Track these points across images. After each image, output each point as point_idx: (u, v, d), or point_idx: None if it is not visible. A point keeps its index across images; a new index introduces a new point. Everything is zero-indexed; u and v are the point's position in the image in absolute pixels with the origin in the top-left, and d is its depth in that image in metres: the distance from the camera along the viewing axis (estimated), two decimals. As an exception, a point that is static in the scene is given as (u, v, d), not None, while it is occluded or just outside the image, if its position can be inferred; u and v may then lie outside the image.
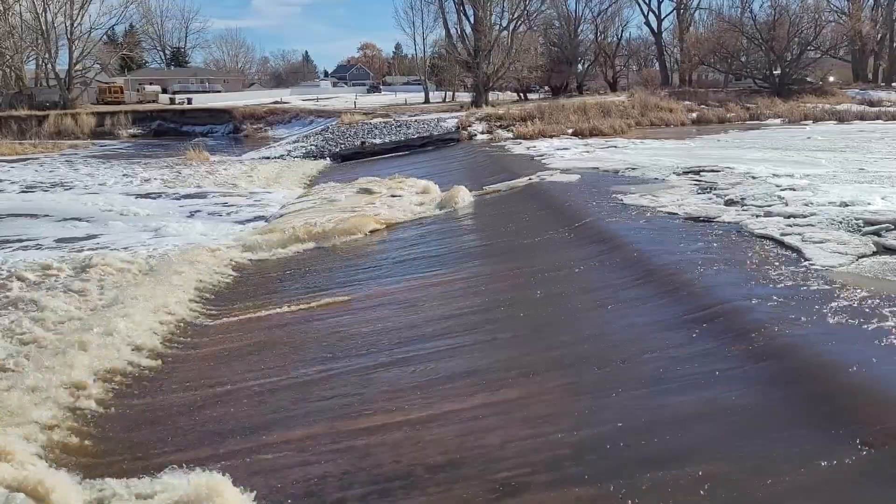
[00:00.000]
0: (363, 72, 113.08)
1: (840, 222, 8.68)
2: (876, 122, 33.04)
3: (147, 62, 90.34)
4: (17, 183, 24.33)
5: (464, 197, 15.19)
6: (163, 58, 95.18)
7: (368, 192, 17.81)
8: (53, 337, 7.81)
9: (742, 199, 11.02)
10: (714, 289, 6.74)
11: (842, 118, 33.99)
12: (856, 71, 55.98)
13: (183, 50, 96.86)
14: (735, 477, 3.93)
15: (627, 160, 18.14)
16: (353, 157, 30.63)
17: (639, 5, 59.57)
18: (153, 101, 61.01)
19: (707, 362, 5.32)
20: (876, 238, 7.92)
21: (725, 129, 31.12)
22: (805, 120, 34.21)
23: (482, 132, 31.63)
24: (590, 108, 33.87)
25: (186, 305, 9.10)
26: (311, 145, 33.89)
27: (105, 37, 64.61)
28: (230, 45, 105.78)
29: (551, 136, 28.34)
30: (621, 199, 12.03)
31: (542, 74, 53.36)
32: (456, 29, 48.88)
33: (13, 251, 13.10)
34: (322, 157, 31.03)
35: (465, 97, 54.07)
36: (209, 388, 6.50)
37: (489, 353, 6.42)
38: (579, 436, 4.65)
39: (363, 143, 31.95)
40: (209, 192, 21.40)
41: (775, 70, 47.62)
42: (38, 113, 47.87)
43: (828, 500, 3.71)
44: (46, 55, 55.22)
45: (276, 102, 57.31)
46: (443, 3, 49.81)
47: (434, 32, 74.53)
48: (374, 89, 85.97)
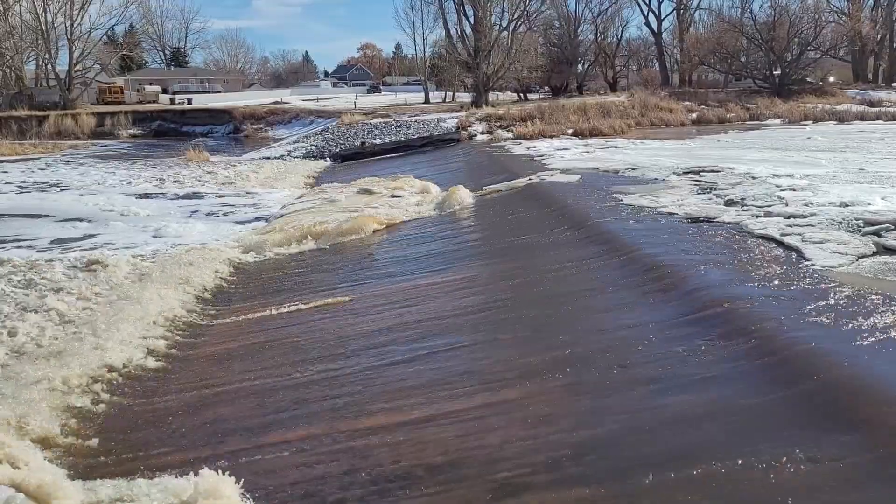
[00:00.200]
0: (363, 72, 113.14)
1: (840, 222, 8.68)
2: (876, 122, 33.05)
3: (147, 62, 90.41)
4: (17, 183, 24.34)
5: (464, 197, 15.16)
6: (163, 58, 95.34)
7: (368, 192, 17.80)
8: (53, 336, 7.80)
9: (742, 199, 11.02)
10: (714, 289, 6.74)
11: (842, 118, 33.99)
12: (856, 71, 55.99)
13: (183, 50, 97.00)
14: (735, 477, 3.93)
15: (627, 160, 18.13)
16: (353, 157, 30.64)
17: (639, 6, 59.78)
18: (153, 102, 61.11)
19: (707, 362, 5.33)
20: (876, 238, 7.92)
21: (725, 129, 31.13)
22: (805, 120, 34.21)
23: (482, 132, 31.63)
24: (590, 109, 33.87)
25: (187, 305, 9.09)
26: (311, 146, 33.90)
27: (105, 37, 64.79)
28: (230, 46, 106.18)
29: (551, 137, 28.34)
30: (621, 200, 12.03)
31: (542, 75, 53.39)
32: (456, 29, 49.03)
33: (13, 251, 13.08)
34: (322, 157, 31.03)
35: (465, 97, 54.09)
36: (209, 388, 6.50)
37: (489, 353, 6.41)
38: (579, 436, 4.65)
39: (363, 143, 31.95)
40: (209, 193, 21.38)
41: (775, 70, 47.64)
42: (38, 113, 47.94)
43: (828, 500, 3.70)
44: (46, 55, 55.27)
45: (276, 103, 57.36)
46: (443, 4, 49.95)
47: (434, 33, 74.90)
48: (374, 89, 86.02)
